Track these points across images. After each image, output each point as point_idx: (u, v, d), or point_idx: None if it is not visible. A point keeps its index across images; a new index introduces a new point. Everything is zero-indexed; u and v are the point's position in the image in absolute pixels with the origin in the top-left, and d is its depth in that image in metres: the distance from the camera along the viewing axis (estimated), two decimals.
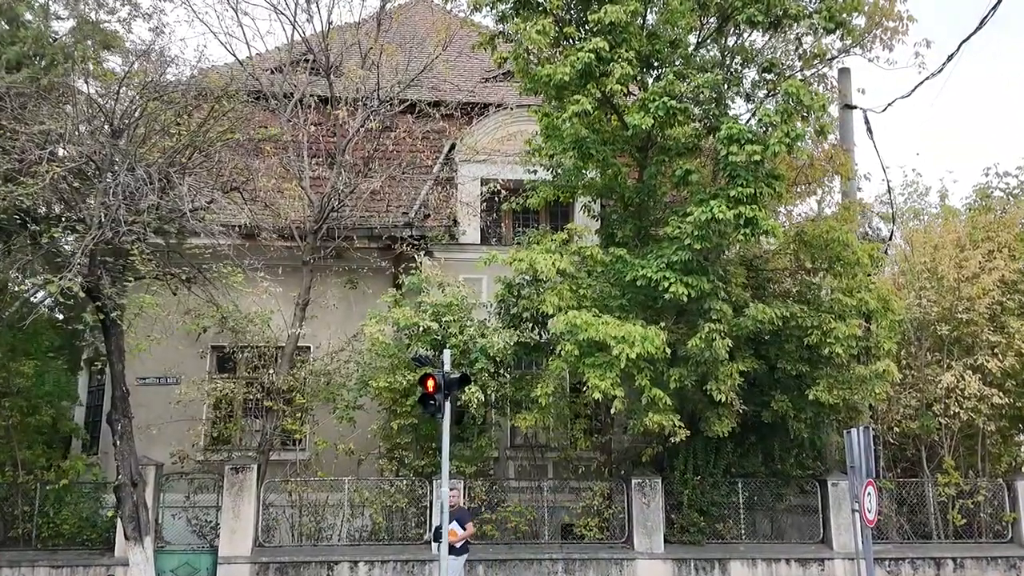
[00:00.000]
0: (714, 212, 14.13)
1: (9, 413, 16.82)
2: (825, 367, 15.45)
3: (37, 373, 17.73)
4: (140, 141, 12.57)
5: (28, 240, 13.23)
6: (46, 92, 13.74)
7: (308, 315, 16.77)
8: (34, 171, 11.71)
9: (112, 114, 12.68)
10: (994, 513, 17.47)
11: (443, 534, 12.69)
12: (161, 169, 12.45)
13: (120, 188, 11.89)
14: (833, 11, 15.45)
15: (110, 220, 11.73)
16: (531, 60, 15.81)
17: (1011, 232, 18.43)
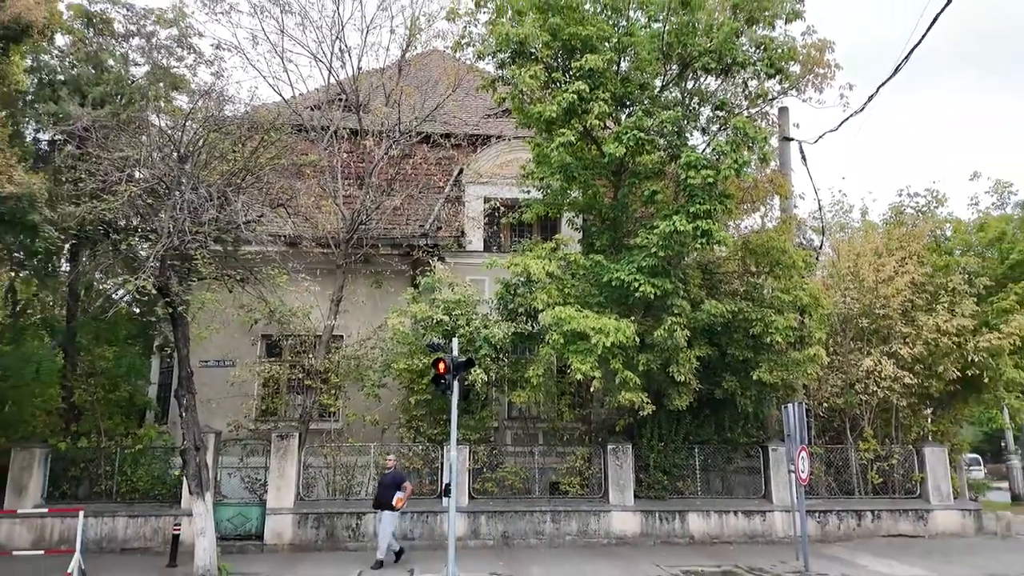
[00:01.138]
0: (676, 225, 14.17)
1: (94, 390, 16.84)
2: (767, 353, 15.47)
3: (116, 357, 17.77)
4: (202, 165, 12.49)
5: (110, 247, 13.28)
6: (125, 125, 13.72)
7: (341, 310, 16.78)
8: (114, 190, 11.70)
9: (179, 143, 12.60)
10: (905, 474, 17.49)
11: (452, 490, 12.64)
12: (219, 188, 12.39)
13: (186, 204, 11.85)
14: (773, 60, 15.52)
15: (177, 231, 11.69)
16: (525, 100, 15.82)
17: (920, 242, 18.48)
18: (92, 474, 15.77)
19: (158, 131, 14.21)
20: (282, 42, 17.50)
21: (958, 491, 17.77)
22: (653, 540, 15.69)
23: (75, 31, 17.74)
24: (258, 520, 15.22)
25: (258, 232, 13.24)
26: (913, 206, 21.16)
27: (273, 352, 18.56)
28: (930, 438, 18.10)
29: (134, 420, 18.70)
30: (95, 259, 14.81)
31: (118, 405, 17.90)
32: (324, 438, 16.75)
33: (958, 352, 16.61)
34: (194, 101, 14.26)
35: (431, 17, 17.42)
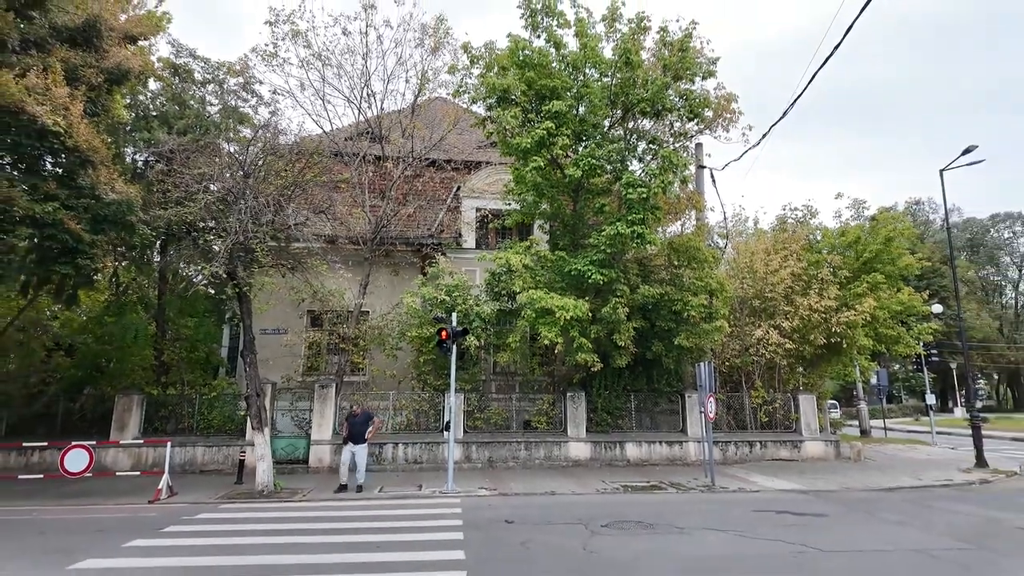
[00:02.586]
0: (619, 230, 14.10)
1: (178, 351, 16.51)
2: (685, 325, 15.47)
3: (196, 326, 17.43)
4: (261, 180, 12.18)
5: (191, 242, 12.93)
6: (202, 149, 13.35)
7: (367, 292, 16.52)
8: (194, 199, 11.40)
9: (244, 163, 12.28)
10: (785, 414, 17.61)
11: (452, 426, 12.56)
12: (274, 198, 12.09)
13: (248, 210, 11.58)
14: (693, 107, 15.46)
15: (242, 230, 11.42)
16: (507, 134, 15.60)
17: (798, 244, 18.55)
18: (178, 414, 15.47)
19: (227, 154, 13.90)
20: (323, 88, 17.10)
21: (823, 427, 17.95)
22: (600, 463, 15.73)
23: (164, 78, 17.24)
24: (304, 449, 15.02)
25: (304, 232, 12.97)
26: (793, 217, 21.24)
27: (316, 323, 18.27)
28: (802, 388, 18.25)
29: (210, 374, 18.38)
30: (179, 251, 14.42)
31: (197, 363, 17.59)
32: (354, 388, 16.55)
33: (825, 325, 16.74)
34: (255, 131, 13.87)
35: (436, 71, 17.08)
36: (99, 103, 13.25)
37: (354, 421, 12.27)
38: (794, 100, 13.27)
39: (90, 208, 11.67)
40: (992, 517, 9.49)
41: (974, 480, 13.76)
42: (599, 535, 8.20)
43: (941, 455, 19.25)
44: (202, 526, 9.00)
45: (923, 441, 24.43)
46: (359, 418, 12.34)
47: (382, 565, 6.67)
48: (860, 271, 18.22)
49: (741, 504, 10.67)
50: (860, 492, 12.13)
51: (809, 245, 19.10)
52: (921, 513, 9.89)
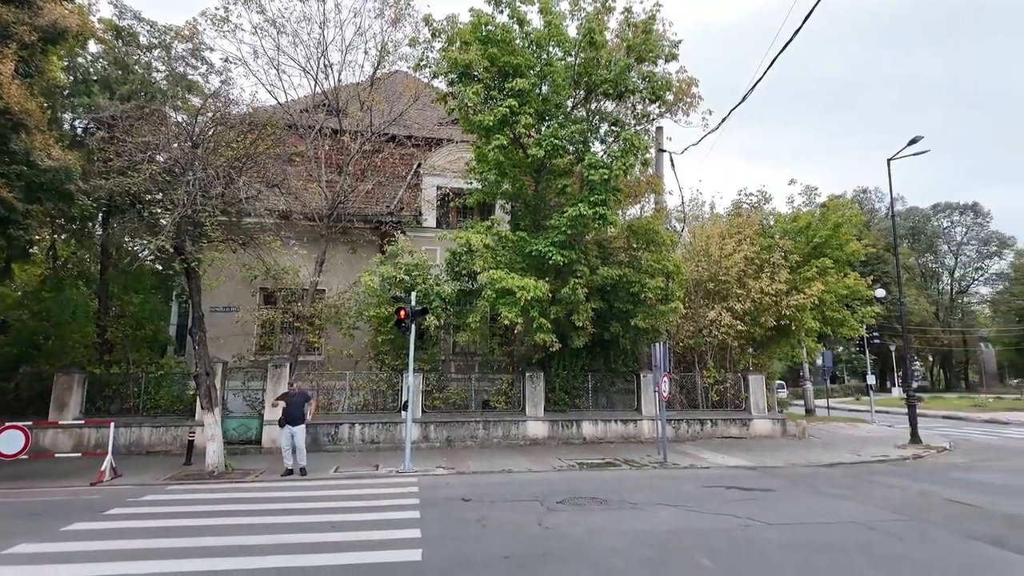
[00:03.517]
0: (580, 211, 14.11)
1: (123, 329, 15.86)
2: (642, 306, 15.67)
3: (141, 303, 16.78)
4: (211, 151, 11.65)
5: (135, 215, 12.36)
6: (147, 116, 12.67)
7: (323, 269, 16.11)
8: (138, 169, 10.84)
9: (192, 133, 11.72)
10: (735, 393, 18.18)
11: (410, 406, 12.44)
12: (225, 170, 11.62)
13: (197, 182, 11.09)
14: (655, 89, 15.50)
15: (191, 203, 10.95)
16: (469, 111, 15.37)
17: (752, 229, 18.99)
18: (122, 394, 14.89)
19: (175, 123, 13.24)
20: (277, 57, 16.41)
21: (770, 406, 18.63)
22: (557, 441, 15.93)
23: (105, 40, 16.26)
24: (257, 430, 14.69)
25: (256, 206, 12.53)
26: (748, 202, 21.71)
27: (269, 301, 17.78)
28: (752, 369, 18.85)
29: (157, 353, 17.71)
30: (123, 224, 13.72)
31: (143, 341, 16.92)
32: (309, 367, 16.25)
33: (775, 308, 17.26)
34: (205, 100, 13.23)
35: (397, 43, 16.57)
36: (33, 63, 12.41)
37: (291, 402, 11.75)
38: (753, 85, 13.47)
39: (23, 175, 10.98)
40: (924, 490, 10.04)
41: (908, 456, 14.53)
42: (554, 511, 8.30)
43: (879, 432, 20.25)
44: (148, 508, 8.71)
45: (863, 419, 25.65)
46: (296, 399, 11.82)
47: (337, 544, 6.59)
48: (810, 256, 18.81)
49: (692, 480, 10.98)
50: (804, 468, 12.64)
51: (762, 230, 19.57)
52: (860, 487, 10.38)
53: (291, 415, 11.60)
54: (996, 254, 63.74)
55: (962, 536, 7.02)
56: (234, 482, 10.89)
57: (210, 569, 5.81)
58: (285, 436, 11.59)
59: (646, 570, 5.77)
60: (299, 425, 11.62)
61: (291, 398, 11.88)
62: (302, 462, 11.55)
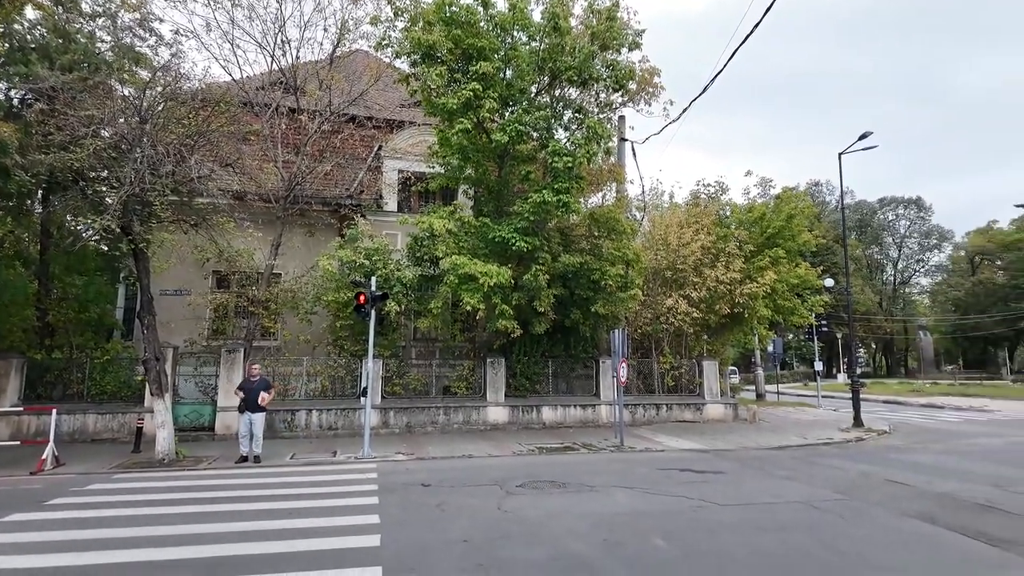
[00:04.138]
0: (544, 198, 14.15)
1: (65, 312, 15.14)
2: (602, 293, 15.85)
3: (85, 285, 16.06)
4: (161, 127, 11.15)
5: (78, 192, 11.74)
6: (91, 89, 12.03)
7: (279, 252, 15.64)
8: (82, 143, 10.29)
9: (140, 108, 11.18)
10: (690, 379, 18.68)
11: (369, 391, 12.31)
12: (176, 148, 11.14)
13: (146, 159, 10.62)
14: (618, 78, 15.59)
15: (139, 181, 10.48)
16: (432, 94, 15.13)
17: (709, 219, 19.40)
18: (65, 380, 14.27)
19: (121, 97, 12.58)
20: (232, 31, 15.88)
21: (723, 391, 19.17)
22: (517, 426, 16.08)
23: (44, 6, 15.25)
24: (210, 416, 14.32)
25: (209, 186, 12.07)
26: (706, 193, 22.16)
27: (222, 284, 17.23)
28: (707, 355, 19.39)
29: (103, 337, 17.00)
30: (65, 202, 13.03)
31: (88, 324, 16.20)
32: (265, 353, 15.88)
33: (729, 296, 17.71)
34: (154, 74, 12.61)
35: (358, 21, 16.16)
36: None
37: (250, 387, 11.46)
38: (713, 77, 13.70)
39: None
40: (865, 471, 10.55)
41: (851, 439, 15.22)
42: (514, 495, 8.39)
43: (825, 416, 21.14)
44: (92, 497, 8.40)
45: (810, 404, 26.73)
46: (256, 384, 11.53)
47: (293, 531, 6.51)
48: (763, 246, 19.36)
49: (648, 463, 11.25)
50: (754, 451, 13.11)
51: (719, 220, 20.03)
52: (806, 469, 10.84)
53: (250, 401, 11.33)
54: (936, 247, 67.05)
55: (898, 514, 7.41)
56: (186, 470, 10.60)
57: (158, 559, 5.66)
58: (243, 423, 11.31)
59: (603, 551, 5.90)
60: (258, 412, 11.36)
61: (250, 383, 11.60)
62: (257, 449, 11.29)
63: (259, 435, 11.33)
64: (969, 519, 7.14)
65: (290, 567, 5.38)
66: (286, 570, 5.31)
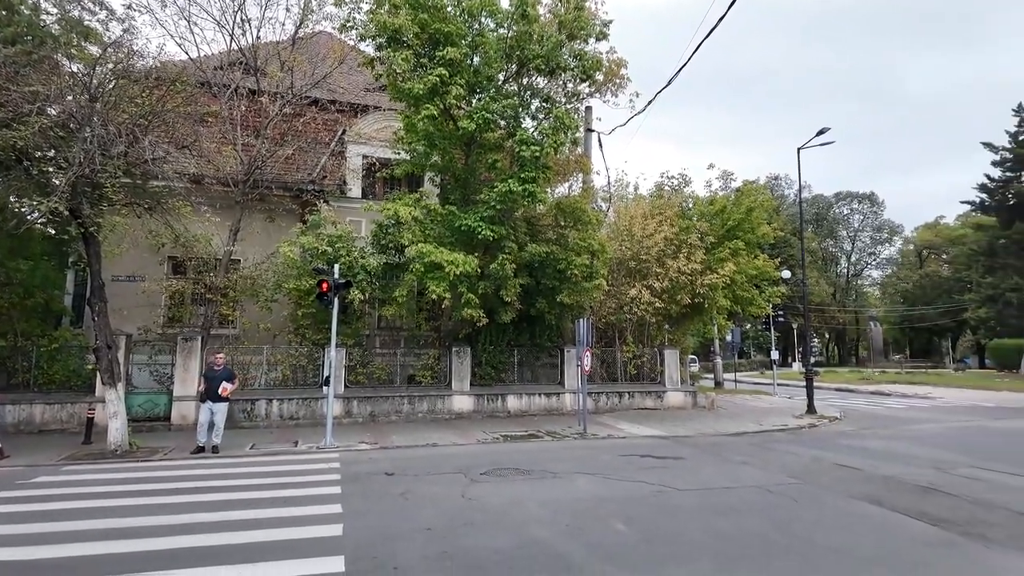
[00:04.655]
0: (511, 187, 14.12)
1: (9, 297, 14.41)
2: (567, 283, 15.91)
3: (31, 269, 15.28)
4: (112, 106, 10.67)
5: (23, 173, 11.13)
6: (37, 64, 11.41)
7: (238, 238, 15.22)
8: (26, 121, 9.76)
9: (90, 85, 10.67)
10: (651, 367, 19.01)
11: (331, 380, 12.15)
12: (128, 128, 10.68)
13: (96, 139, 10.14)
14: (586, 68, 15.62)
15: (88, 161, 10.01)
16: (398, 78, 14.89)
17: (672, 210, 19.68)
18: (10, 368, 13.65)
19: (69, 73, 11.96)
20: (189, 7, 15.20)
21: (683, 379, 19.58)
22: (482, 415, 16.12)
23: None
24: (166, 406, 13.92)
25: (164, 168, 11.63)
26: (670, 185, 22.47)
27: (178, 271, 16.68)
28: (668, 344, 19.72)
29: (50, 324, 16.25)
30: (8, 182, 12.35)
31: (34, 311, 15.43)
32: (223, 341, 15.48)
33: (690, 287, 18.04)
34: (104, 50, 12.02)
35: (321, 1, 15.71)
36: None
37: (213, 376, 11.16)
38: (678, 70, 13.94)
39: None
40: (817, 456, 10.96)
41: (805, 425, 15.78)
42: (478, 483, 8.43)
43: (780, 404, 21.84)
44: (40, 490, 8.08)
45: (766, 392, 27.55)
46: (219, 373, 11.24)
47: (252, 522, 6.40)
48: (724, 238, 19.76)
49: (610, 450, 11.44)
50: (712, 437, 13.47)
51: (682, 212, 20.34)
52: (761, 454, 11.19)
53: (212, 391, 11.07)
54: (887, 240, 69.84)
55: (847, 497, 7.74)
56: (139, 461, 10.29)
57: (108, 552, 5.49)
58: (203, 412, 11.02)
59: (565, 536, 5.99)
60: (220, 402, 11.09)
61: (212, 372, 11.29)
62: (217, 440, 11.03)
63: (220, 425, 11.08)
64: (912, 501, 7.50)
65: (250, 557, 5.30)
66: (246, 560, 5.23)
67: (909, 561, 5.36)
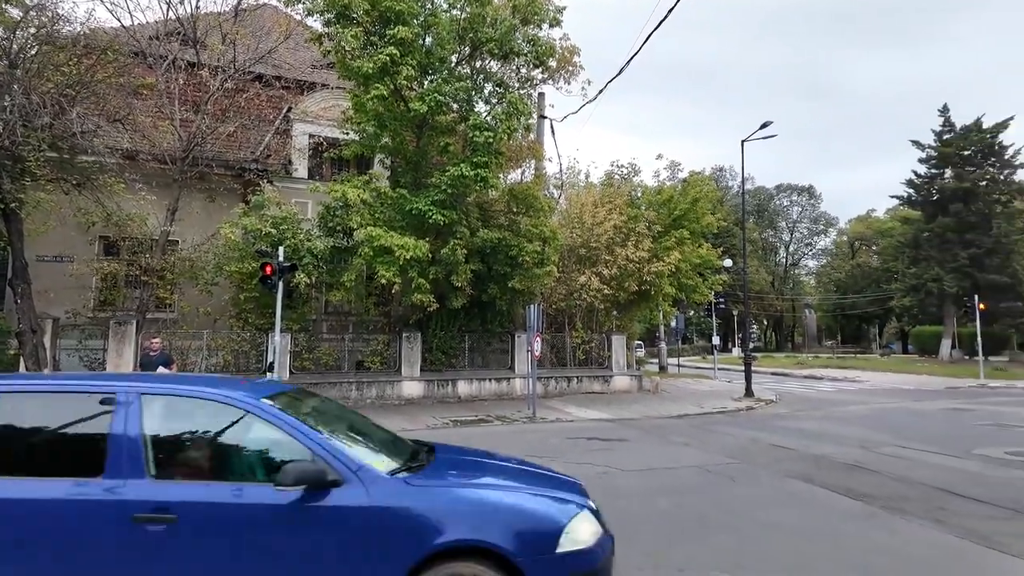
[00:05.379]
0: (463, 171, 14.03)
1: None
2: (519, 269, 15.93)
3: None
4: (35, 74, 9.98)
5: None
6: None
7: (176, 218, 14.50)
8: None
9: (9, 50, 9.93)
10: (599, 352, 19.39)
11: (275, 367, 11.86)
12: (54, 98, 10.04)
13: (16, 108, 9.49)
14: (539, 54, 15.61)
15: (8, 133, 9.35)
16: (347, 56, 14.49)
17: (622, 199, 20.02)
18: None
19: None
20: None
21: (630, 364, 20.11)
22: (432, 400, 16.09)
23: None
24: None
25: (95, 143, 11.01)
26: (619, 174, 22.83)
27: (111, 251, 15.79)
28: (616, 329, 20.15)
29: None
30: None
31: None
32: (160, 325, 14.85)
33: (638, 274, 18.45)
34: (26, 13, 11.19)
35: None
36: None
37: (148, 362, 10.64)
38: (630, 59, 14.10)
39: None
40: (754, 437, 11.51)
41: (743, 407, 16.50)
42: None
43: (720, 387, 22.74)
44: None
45: (708, 376, 28.59)
46: (156, 358, 10.68)
47: None
48: (670, 227, 20.25)
49: (558, 433, 11.67)
50: (656, 419, 13.92)
51: (631, 200, 20.72)
52: (702, 435, 11.66)
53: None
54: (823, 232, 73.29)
55: (781, 475, 8.17)
56: None
57: None
58: None
59: None
60: None
61: (148, 357, 10.75)
62: None
63: None
64: (840, 478, 7.99)
65: None
66: None
67: (832, 533, 5.73)
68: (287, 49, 17.26)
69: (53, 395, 3.30)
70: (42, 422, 3.20)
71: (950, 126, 39.47)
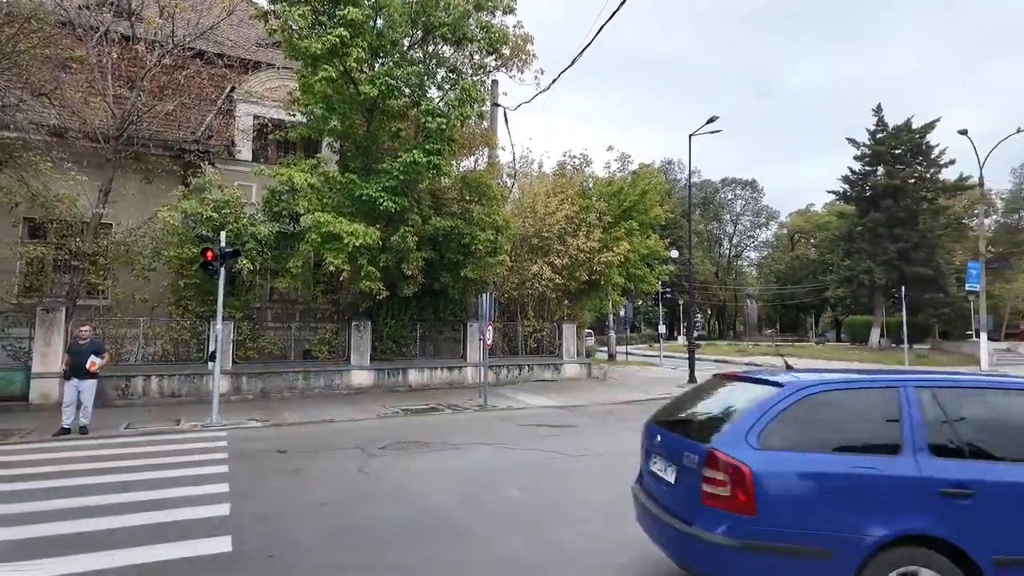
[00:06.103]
0: (415, 158, 13.87)
1: None
2: (472, 257, 15.85)
3: None
4: None
5: None
6: None
7: (110, 200, 13.74)
8: None
9: None
10: (550, 341, 19.61)
11: (217, 356, 11.47)
12: None
13: None
14: (492, 41, 15.51)
15: None
16: (294, 35, 14.01)
17: (573, 189, 20.16)
18: None
19: None
20: None
21: (580, 352, 20.42)
22: (383, 390, 15.90)
23: None
24: (23, 383, 12.50)
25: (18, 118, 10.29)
26: (572, 164, 22.98)
27: (37, 234, 14.84)
28: (566, 318, 20.41)
29: None
30: None
31: None
32: (92, 313, 14.10)
33: (588, 264, 18.66)
34: None
35: None
36: None
37: (79, 350, 10.09)
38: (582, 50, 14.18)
39: None
40: None
41: None
42: (376, 457, 8.38)
43: (666, 374, 23.39)
44: None
45: (654, 363, 29.36)
46: (86, 347, 10.17)
47: (129, 506, 5.98)
48: (620, 218, 20.56)
49: (509, 420, 11.78)
50: (604, 406, 14.22)
51: (582, 191, 20.91)
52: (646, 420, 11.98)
53: (78, 366, 9.98)
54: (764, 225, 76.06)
55: None
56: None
57: None
58: (69, 390, 9.95)
59: (461, 505, 6.14)
60: (88, 379, 10.07)
61: (78, 347, 10.19)
62: (85, 420, 10.07)
63: (88, 404, 10.09)
64: None
65: (127, 542, 4.97)
66: (122, 546, 4.89)
67: None
68: (230, 25, 16.46)
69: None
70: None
71: (883, 125, 41.48)
